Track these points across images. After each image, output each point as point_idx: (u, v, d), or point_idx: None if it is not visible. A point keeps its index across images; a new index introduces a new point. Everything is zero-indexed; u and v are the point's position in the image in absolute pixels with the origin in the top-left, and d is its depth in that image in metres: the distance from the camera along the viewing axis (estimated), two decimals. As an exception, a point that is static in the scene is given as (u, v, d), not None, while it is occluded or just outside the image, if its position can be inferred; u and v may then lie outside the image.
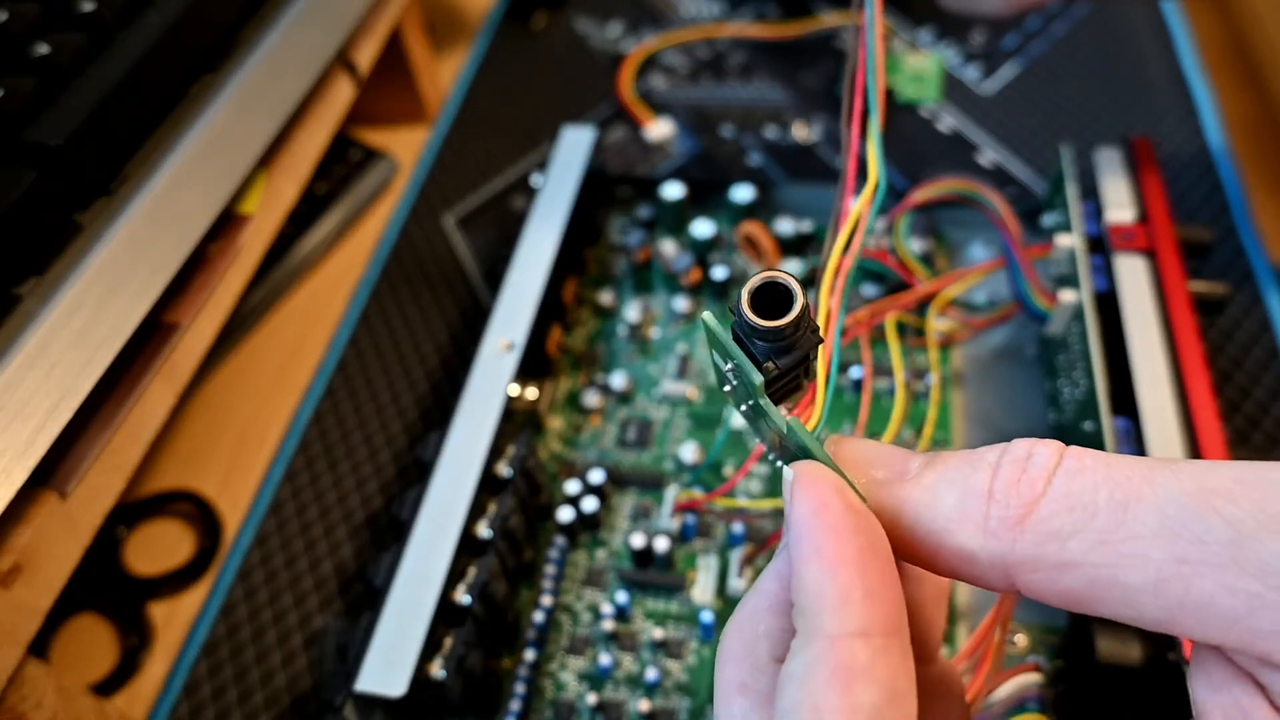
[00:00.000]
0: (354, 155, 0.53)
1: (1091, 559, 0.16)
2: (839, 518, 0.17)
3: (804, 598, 0.17)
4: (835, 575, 0.17)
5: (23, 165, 0.28)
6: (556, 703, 0.33)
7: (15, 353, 0.26)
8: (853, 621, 0.16)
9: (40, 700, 0.28)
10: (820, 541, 0.17)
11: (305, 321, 0.48)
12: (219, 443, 0.43)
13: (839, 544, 0.17)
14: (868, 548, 0.17)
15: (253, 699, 0.35)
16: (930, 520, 0.17)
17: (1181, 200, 0.45)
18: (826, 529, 0.17)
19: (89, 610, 0.39)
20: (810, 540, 0.17)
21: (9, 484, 0.26)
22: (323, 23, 0.41)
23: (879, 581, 0.17)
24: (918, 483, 0.18)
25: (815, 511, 0.17)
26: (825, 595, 0.16)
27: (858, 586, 0.16)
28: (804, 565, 0.17)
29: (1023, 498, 0.17)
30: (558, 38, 0.60)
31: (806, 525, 0.17)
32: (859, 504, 0.18)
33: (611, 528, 0.37)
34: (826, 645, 0.16)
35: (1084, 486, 0.16)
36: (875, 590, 0.16)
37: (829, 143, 0.51)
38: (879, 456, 0.19)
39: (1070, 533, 0.16)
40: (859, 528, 0.17)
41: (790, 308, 0.18)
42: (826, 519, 0.17)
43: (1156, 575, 0.15)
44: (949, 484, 0.17)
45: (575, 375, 0.42)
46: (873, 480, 0.18)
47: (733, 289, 0.43)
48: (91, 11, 0.32)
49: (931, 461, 0.18)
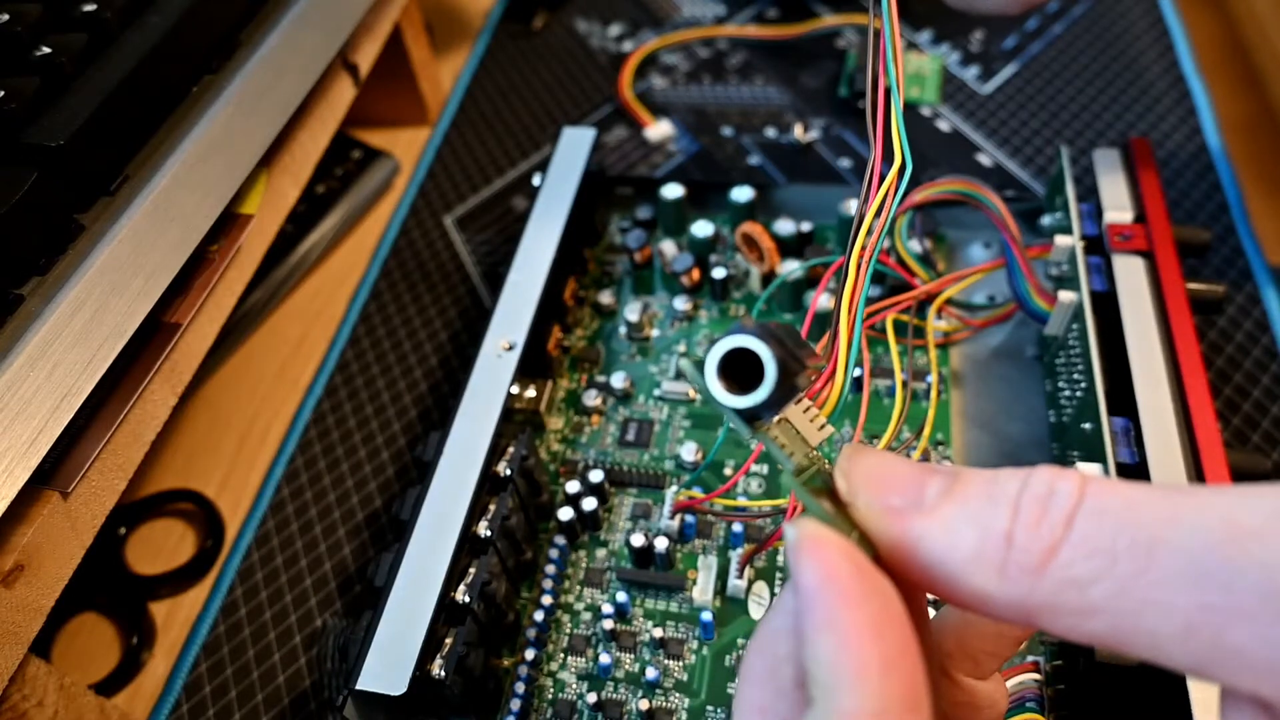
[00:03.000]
0: (354, 155, 0.53)
1: (1114, 606, 0.15)
2: (849, 585, 0.16)
3: (818, 668, 0.16)
4: (849, 649, 0.16)
5: (24, 165, 0.28)
6: (556, 702, 0.33)
7: (17, 352, 0.26)
8: (870, 701, 0.15)
9: (42, 699, 0.28)
10: (831, 613, 0.16)
11: (306, 321, 0.48)
12: (219, 443, 0.43)
13: (851, 614, 0.16)
14: (881, 615, 0.16)
15: (253, 698, 0.35)
16: (947, 560, 0.16)
17: (1180, 201, 0.45)
18: (837, 598, 0.16)
19: (91, 609, 0.39)
20: (820, 611, 0.16)
21: (11, 483, 0.26)
22: (323, 23, 0.41)
23: (896, 651, 0.16)
24: (935, 516, 0.17)
25: (824, 580, 0.16)
26: (840, 670, 0.16)
27: (874, 660, 0.16)
28: (816, 635, 0.16)
29: (1042, 543, 0.16)
30: (558, 38, 0.60)
31: (815, 595, 0.16)
32: (868, 566, 0.17)
33: (611, 528, 0.37)
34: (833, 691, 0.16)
35: (1106, 530, 0.15)
36: (893, 662, 0.16)
37: (828, 143, 0.51)
38: (895, 478, 0.18)
39: (1091, 580, 0.15)
40: (871, 593, 0.16)
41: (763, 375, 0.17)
42: (836, 587, 0.16)
43: (1184, 623, 0.14)
44: (967, 522, 0.16)
45: (575, 375, 0.42)
46: (888, 508, 0.17)
47: (733, 289, 0.44)
48: (93, 12, 0.33)
49: (950, 490, 0.17)
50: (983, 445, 0.38)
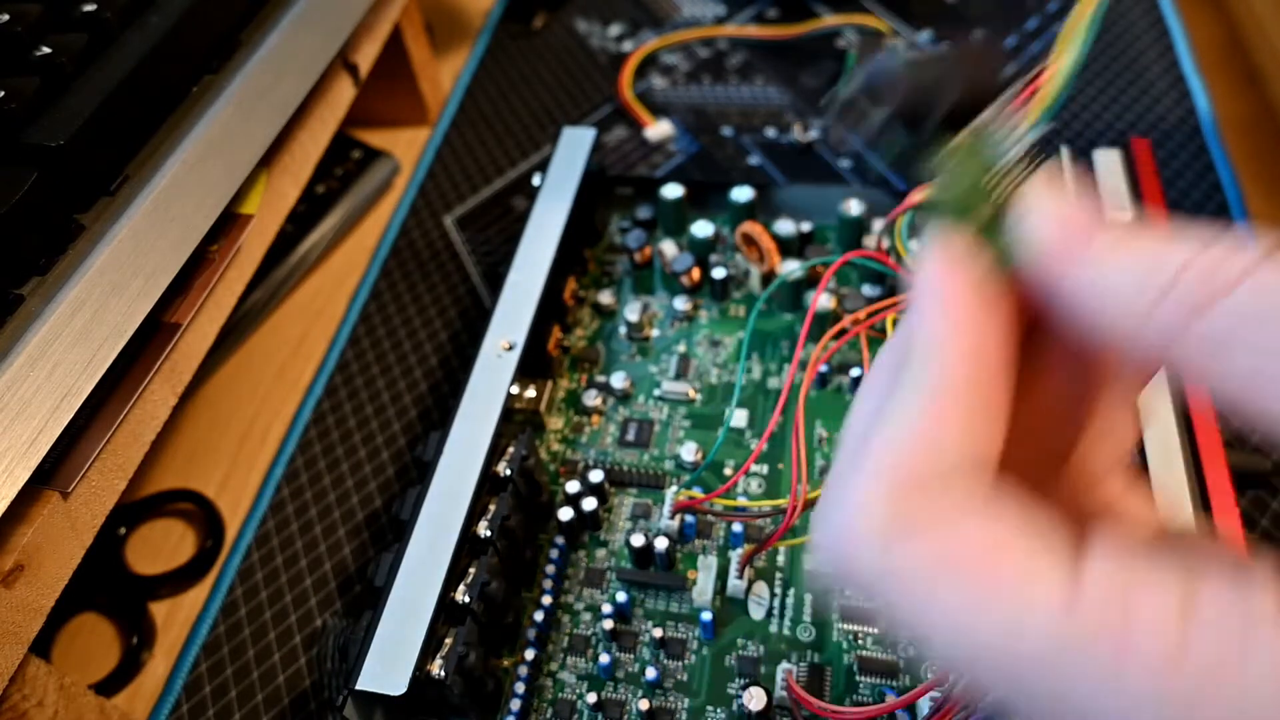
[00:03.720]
0: (354, 155, 0.53)
1: (1255, 368, 0.15)
2: (961, 282, 0.17)
3: (913, 347, 0.17)
4: (945, 327, 0.17)
5: (24, 165, 0.28)
6: (556, 702, 0.33)
7: (17, 352, 0.26)
8: (952, 374, 0.17)
9: (42, 699, 0.28)
10: (941, 300, 0.17)
11: (306, 321, 0.48)
12: (219, 443, 0.43)
13: (959, 305, 0.17)
14: (990, 313, 0.17)
15: (253, 698, 0.35)
16: (1100, 291, 0.17)
17: (1180, 201, 0.45)
18: (946, 287, 0.17)
19: (91, 609, 0.39)
20: (928, 298, 0.17)
21: (11, 483, 0.26)
22: (323, 24, 0.41)
23: (984, 352, 0.17)
24: (1100, 251, 0.17)
25: (941, 275, 0.17)
26: (929, 345, 0.17)
27: (965, 341, 0.17)
28: (917, 321, 0.17)
29: (1209, 288, 0.15)
30: (558, 38, 0.60)
31: (929, 285, 0.18)
32: (985, 280, 0.18)
33: (611, 528, 0.37)
34: (922, 394, 0.17)
35: (1268, 298, 0.15)
36: (979, 356, 0.17)
37: (829, 143, 0.51)
38: (1069, 216, 0.18)
39: (1251, 326, 0.15)
40: (976, 300, 0.17)
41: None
42: (949, 280, 0.17)
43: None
44: (1134, 255, 0.17)
45: (575, 375, 0.42)
46: (1054, 239, 0.18)
47: (733, 289, 0.44)
48: (93, 12, 0.33)
49: (1119, 242, 0.17)
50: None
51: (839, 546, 0.17)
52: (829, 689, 0.32)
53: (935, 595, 0.15)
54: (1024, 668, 0.15)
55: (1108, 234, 0.17)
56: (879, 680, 0.32)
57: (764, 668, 0.33)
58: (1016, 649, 0.15)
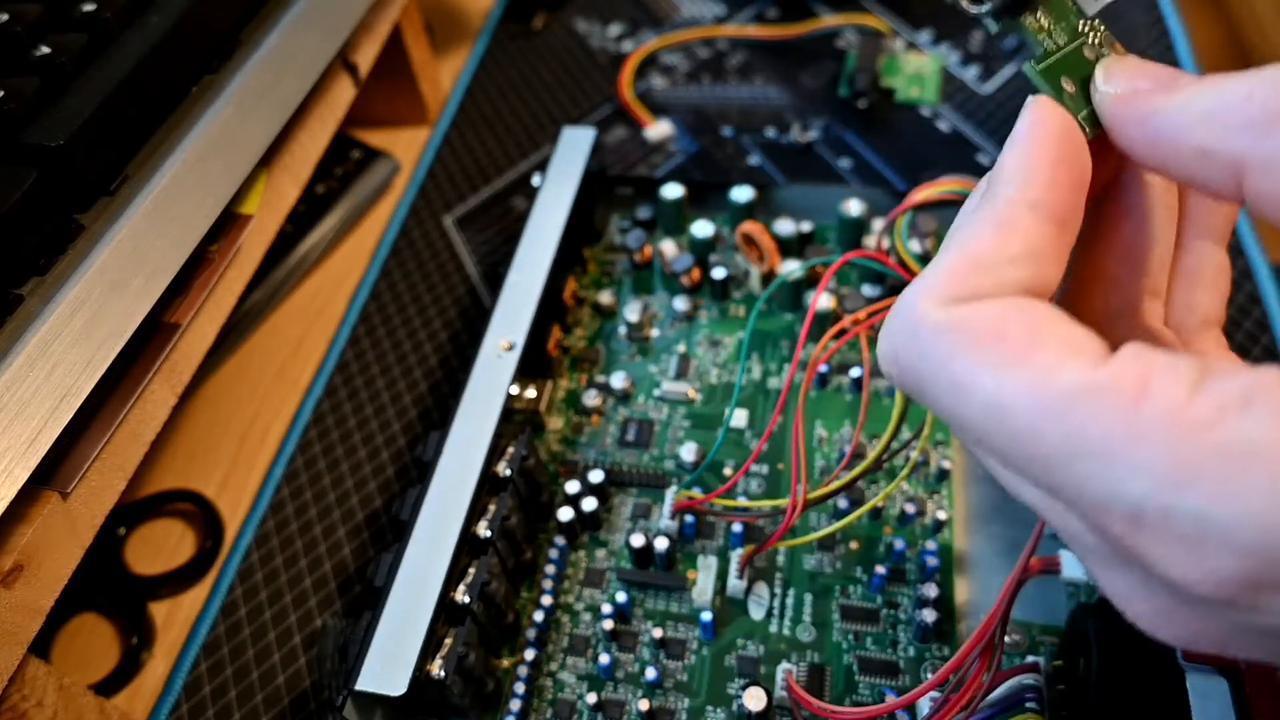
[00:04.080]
0: (354, 155, 0.53)
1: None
2: (1054, 126, 0.20)
3: (996, 173, 0.20)
4: (1027, 155, 0.19)
5: (24, 165, 0.28)
6: (556, 703, 0.33)
7: (16, 352, 0.26)
8: (1028, 193, 0.19)
9: (42, 699, 0.28)
10: (1026, 134, 0.20)
11: (305, 321, 0.48)
12: (219, 443, 0.43)
13: (1041, 140, 0.19)
14: (1070, 156, 0.19)
15: (253, 698, 0.35)
16: (1177, 121, 0.18)
17: (1181, 201, 0.45)
18: (1037, 128, 0.20)
19: (90, 610, 0.39)
20: (1020, 135, 0.20)
21: (10, 483, 0.26)
22: (323, 23, 0.41)
23: (1066, 180, 0.19)
24: (1179, 92, 0.19)
25: (1034, 123, 0.20)
26: (1013, 166, 0.19)
27: (1044, 171, 0.19)
28: (1006, 152, 0.20)
29: (1273, 109, 0.17)
30: (558, 38, 0.60)
31: (1021, 130, 0.20)
32: (1075, 126, 0.20)
33: (611, 528, 0.37)
34: (999, 203, 0.19)
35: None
36: (1059, 181, 0.19)
37: (828, 143, 0.51)
38: (1151, 69, 0.20)
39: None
40: (1069, 138, 0.20)
41: None
42: (1042, 126, 0.20)
43: None
44: (1208, 91, 0.18)
45: (575, 375, 0.42)
46: (1137, 90, 0.20)
47: (733, 289, 0.43)
48: (93, 12, 0.33)
49: (1190, 83, 0.19)
50: (983, 445, 0.38)
51: (905, 312, 0.19)
52: (829, 689, 0.32)
53: (980, 352, 0.17)
54: (1048, 414, 0.16)
55: (1180, 78, 0.19)
56: (879, 680, 0.32)
57: (764, 668, 0.33)
58: (1044, 395, 0.16)
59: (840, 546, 0.35)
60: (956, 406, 0.18)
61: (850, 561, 0.35)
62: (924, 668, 0.32)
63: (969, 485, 0.37)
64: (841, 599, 0.34)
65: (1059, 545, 0.32)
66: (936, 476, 0.37)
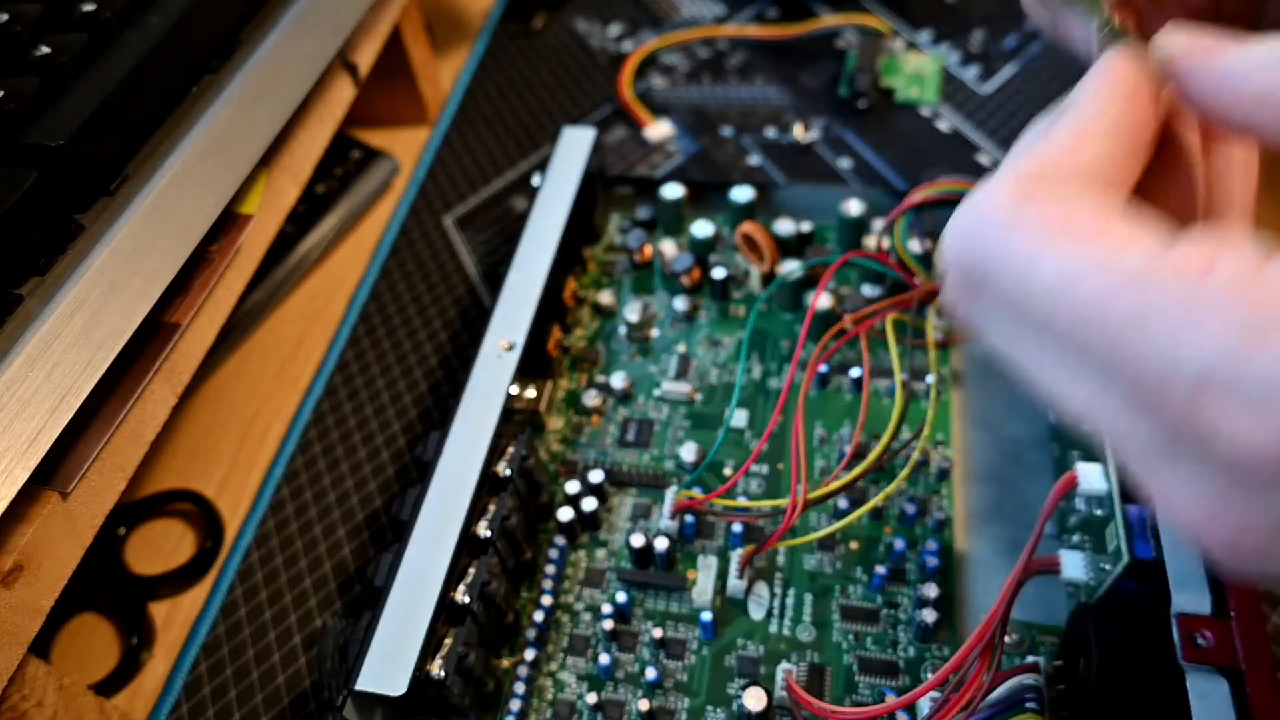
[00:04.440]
0: (354, 155, 0.53)
1: None
2: (1133, 67, 0.20)
3: (1072, 98, 0.20)
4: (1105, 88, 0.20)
5: (24, 165, 0.28)
6: (556, 703, 0.33)
7: (16, 352, 0.26)
8: (1103, 120, 0.20)
9: (42, 699, 0.28)
10: (1099, 75, 0.20)
11: (305, 321, 0.48)
12: (219, 443, 0.43)
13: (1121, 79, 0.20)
14: (1142, 94, 0.20)
15: (253, 698, 0.35)
16: (1238, 67, 0.19)
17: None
18: (1108, 71, 0.20)
19: (90, 610, 0.39)
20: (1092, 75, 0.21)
21: (10, 483, 0.26)
22: (323, 23, 0.41)
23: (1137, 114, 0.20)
24: (1233, 51, 0.19)
25: (1106, 68, 0.21)
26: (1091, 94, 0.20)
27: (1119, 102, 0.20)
28: (1083, 82, 0.21)
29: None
30: (558, 38, 0.60)
31: (1095, 72, 0.21)
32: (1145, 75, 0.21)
33: (611, 528, 0.37)
34: (1072, 120, 0.20)
35: None
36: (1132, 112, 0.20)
37: (829, 143, 0.51)
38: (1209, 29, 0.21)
39: None
40: (1145, 79, 0.20)
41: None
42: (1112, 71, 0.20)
43: None
44: (1269, 38, 0.19)
45: (575, 375, 0.42)
46: (1200, 45, 0.20)
47: (733, 289, 0.43)
48: (93, 12, 0.33)
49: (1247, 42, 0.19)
50: (983, 445, 0.38)
51: (972, 211, 0.19)
52: (829, 689, 0.32)
53: (1051, 231, 0.18)
54: (1118, 285, 0.17)
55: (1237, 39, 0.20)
56: (879, 680, 0.32)
57: (764, 668, 0.33)
58: (1115, 267, 0.17)
59: (840, 546, 0.35)
60: (1024, 283, 0.18)
61: (850, 561, 0.35)
62: (924, 668, 0.32)
63: (969, 485, 0.37)
64: (841, 599, 0.34)
65: (1059, 545, 0.32)
66: (936, 476, 0.37)
